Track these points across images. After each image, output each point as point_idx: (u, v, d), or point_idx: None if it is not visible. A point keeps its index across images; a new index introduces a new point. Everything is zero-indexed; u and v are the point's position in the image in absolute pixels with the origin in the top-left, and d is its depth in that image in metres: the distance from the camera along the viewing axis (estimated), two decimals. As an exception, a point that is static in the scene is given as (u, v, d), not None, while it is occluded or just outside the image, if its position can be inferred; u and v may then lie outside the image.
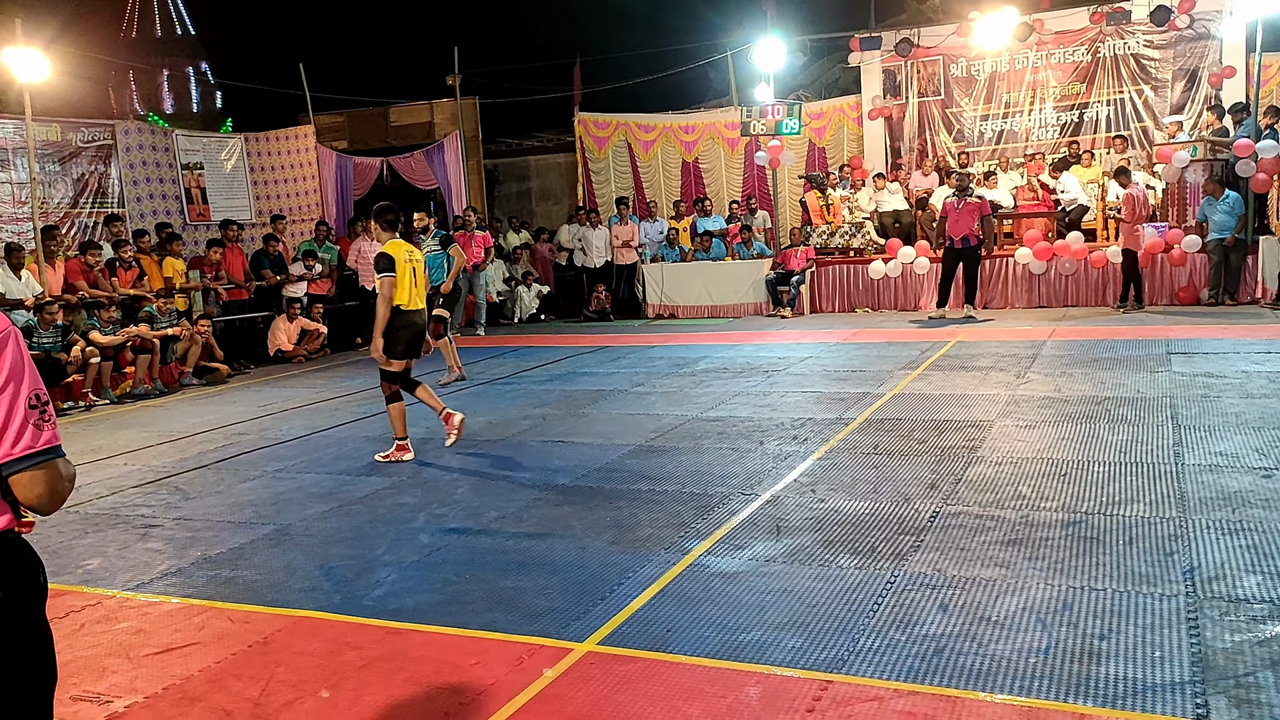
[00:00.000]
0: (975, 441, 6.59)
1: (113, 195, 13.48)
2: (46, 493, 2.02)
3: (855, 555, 4.66)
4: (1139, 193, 12.90)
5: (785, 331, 13.31)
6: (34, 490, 2.01)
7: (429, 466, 6.96)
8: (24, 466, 1.99)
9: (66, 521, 6.13)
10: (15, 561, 2.06)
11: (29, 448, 1.99)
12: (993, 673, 3.44)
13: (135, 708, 3.62)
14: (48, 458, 2.02)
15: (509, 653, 3.86)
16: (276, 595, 4.65)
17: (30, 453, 1.99)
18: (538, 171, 20.98)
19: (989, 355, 10.09)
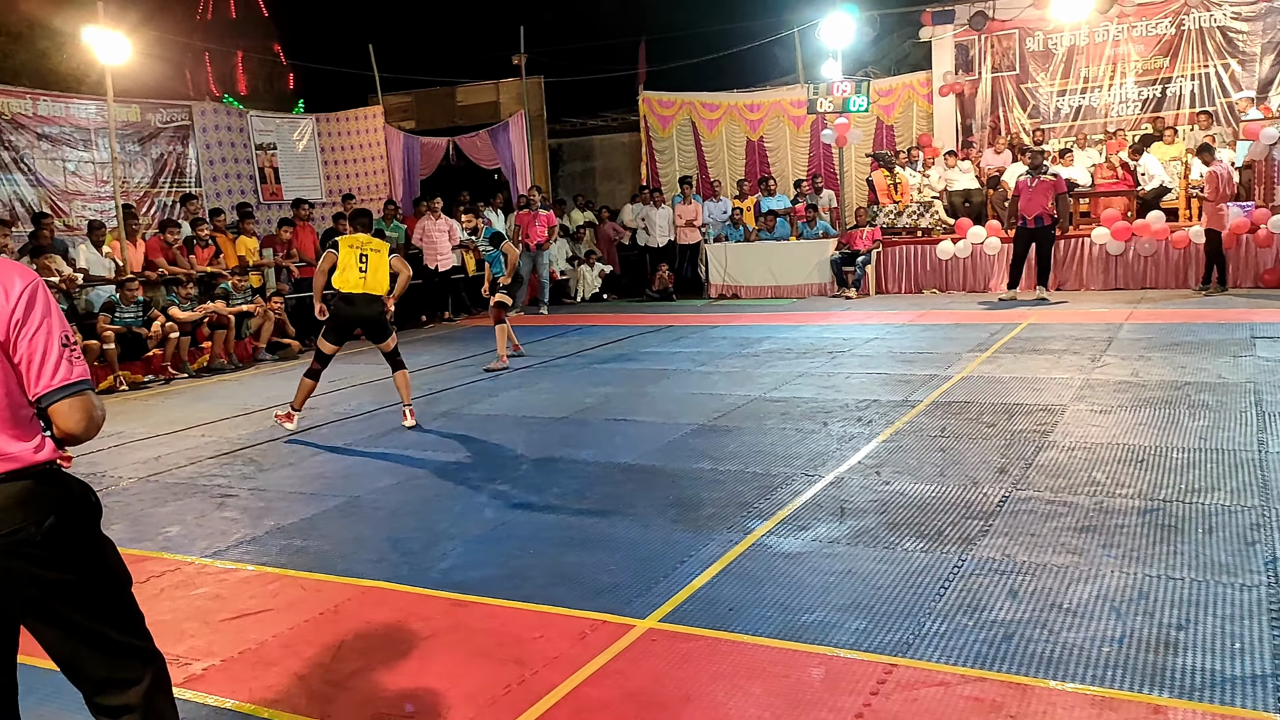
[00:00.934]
0: (1047, 426, 6.46)
1: (190, 175, 13.81)
2: (84, 418, 2.25)
3: (921, 539, 4.60)
4: (1223, 171, 12.45)
5: (850, 312, 13.15)
6: (73, 417, 2.24)
7: (493, 443, 7.03)
8: (62, 396, 2.23)
9: (148, 490, 6.33)
10: (61, 488, 2.27)
11: (65, 379, 2.23)
12: (1064, 661, 3.37)
13: (212, 670, 3.73)
14: (82, 388, 2.26)
15: (571, 627, 3.89)
16: (346, 565, 4.75)
17: (67, 383, 2.23)
18: (602, 151, 20.98)
19: (1062, 338, 9.85)
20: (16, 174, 11.73)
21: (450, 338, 13.37)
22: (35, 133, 11.95)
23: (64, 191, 12.23)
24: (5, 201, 11.57)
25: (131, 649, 2.38)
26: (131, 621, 2.40)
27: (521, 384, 9.31)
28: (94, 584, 2.30)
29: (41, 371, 2.20)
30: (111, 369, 10.40)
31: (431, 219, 14.88)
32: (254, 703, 3.44)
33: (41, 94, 12.59)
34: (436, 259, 14.92)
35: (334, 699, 3.44)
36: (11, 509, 2.17)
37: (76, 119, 12.46)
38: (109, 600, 2.34)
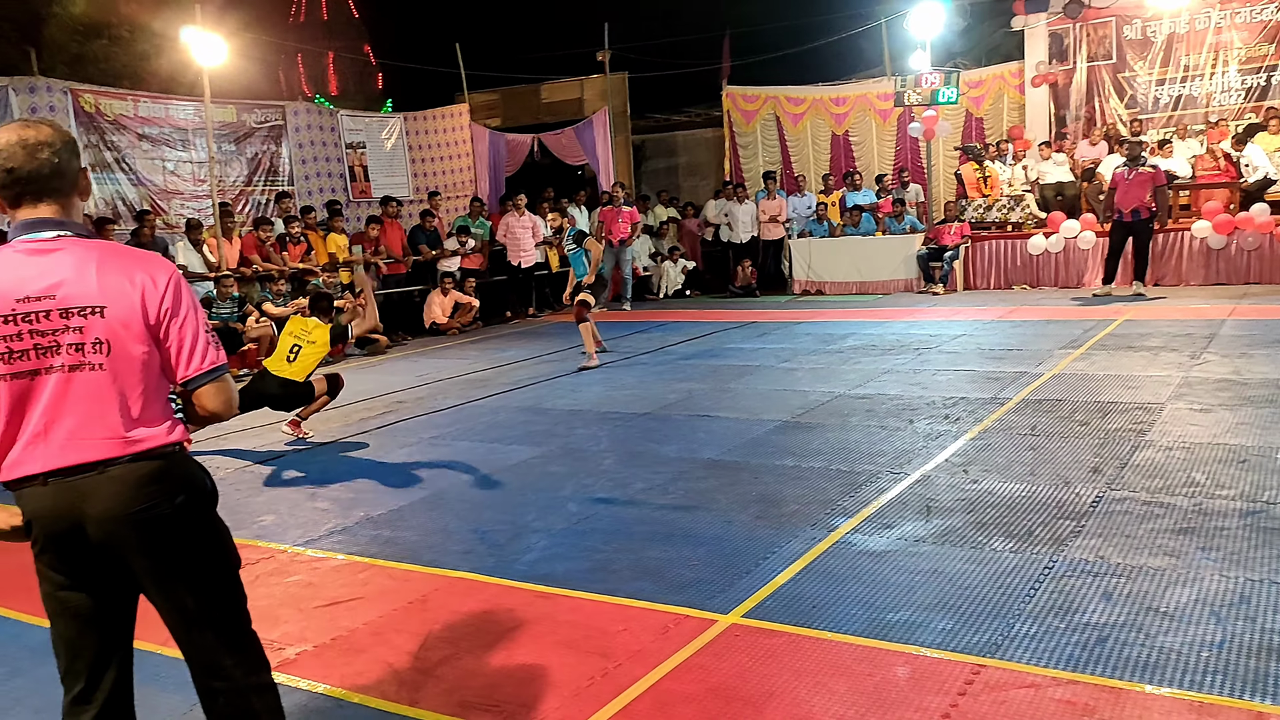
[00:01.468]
0: (1143, 425, 6.25)
1: (283, 173, 14.22)
2: (226, 399, 2.41)
3: (1010, 538, 4.50)
4: None
5: (937, 308, 12.92)
6: (218, 398, 2.40)
7: (577, 438, 7.09)
8: (208, 379, 2.38)
9: (243, 480, 6.55)
10: (189, 469, 2.40)
11: (213, 363, 2.38)
12: (1160, 665, 3.27)
13: (305, 655, 3.85)
14: (224, 372, 2.43)
15: (655, 621, 3.91)
16: (434, 556, 4.85)
17: (214, 366, 2.39)
18: (685, 146, 20.97)
19: (1160, 335, 9.53)
20: (119, 173, 12.22)
21: (535, 333, 13.52)
22: (136, 133, 12.43)
23: (163, 190, 12.71)
24: (108, 200, 12.07)
25: (241, 636, 2.49)
26: (239, 606, 2.50)
27: (605, 379, 9.37)
28: (213, 563, 2.43)
29: (191, 356, 2.34)
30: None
31: (516, 216, 15.06)
32: (345, 688, 3.54)
33: (142, 95, 13.09)
34: (520, 255, 15.10)
35: (422, 686, 3.52)
36: (147, 485, 2.30)
37: (175, 120, 12.93)
38: (223, 580, 2.46)
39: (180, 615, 2.41)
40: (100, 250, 2.33)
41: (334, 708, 3.41)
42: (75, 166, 2.37)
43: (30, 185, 2.30)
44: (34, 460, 2.26)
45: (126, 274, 2.30)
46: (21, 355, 2.24)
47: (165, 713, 3.39)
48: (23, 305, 2.24)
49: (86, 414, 2.26)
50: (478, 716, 3.27)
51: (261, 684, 2.51)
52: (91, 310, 2.25)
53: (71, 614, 2.38)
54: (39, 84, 11.61)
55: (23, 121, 2.37)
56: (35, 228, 2.30)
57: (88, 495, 2.26)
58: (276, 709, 2.54)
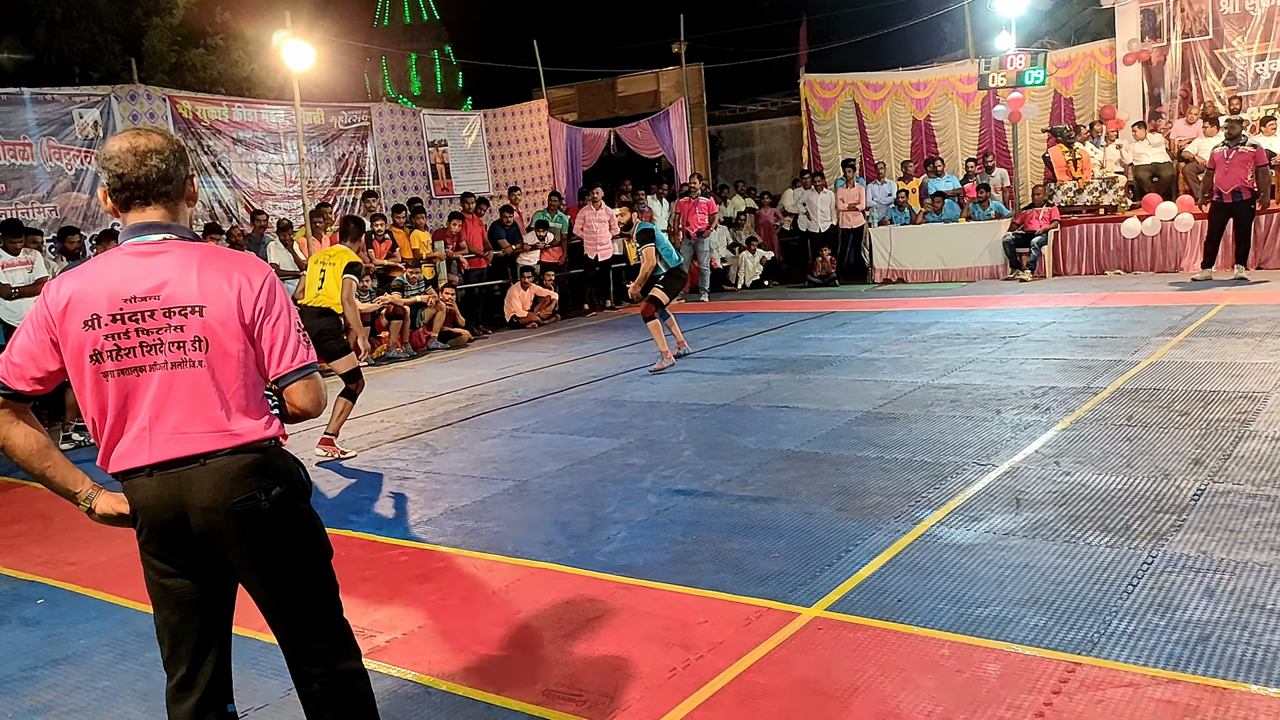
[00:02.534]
0: (1248, 414, 5.99)
1: (369, 173, 14.52)
2: (316, 397, 2.47)
3: (1106, 533, 4.35)
4: None
5: (1025, 296, 12.57)
6: (309, 395, 2.46)
7: (656, 430, 7.09)
8: (299, 377, 2.45)
9: (332, 473, 6.70)
10: (285, 463, 2.47)
11: (304, 361, 2.45)
12: (1268, 664, 3.12)
13: (395, 643, 3.91)
14: (314, 370, 2.48)
15: (736, 613, 3.88)
16: (517, 547, 4.89)
17: (305, 365, 2.45)
18: (761, 136, 20.79)
19: (1265, 320, 9.11)
20: (215, 177, 12.64)
21: (612, 325, 13.56)
22: (231, 138, 12.84)
23: (257, 192, 13.10)
24: (205, 202, 12.48)
25: (333, 623, 2.56)
26: (332, 594, 2.57)
27: (683, 371, 9.34)
28: (308, 553, 2.50)
29: (284, 354, 2.41)
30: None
31: (593, 209, 15.11)
32: (433, 675, 3.59)
33: (236, 101, 13.52)
34: (597, 248, 15.15)
35: (508, 674, 3.55)
36: (246, 478, 2.37)
37: (267, 124, 13.30)
38: (317, 569, 2.53)
39: (277, 602, 2.48)
40: (202, 252, 2.42)
41: (423, 694, 3.47)
42: (183, 173, 2.46)
43: (139, 190, 2.40)
44: (140, 453, 2.35)
45: (225, 275, 2.38)
46: (129, 352, 2.33)
47: (264, 697, 3.49)
48: (130, 305, 2.33)
49: (189, 409, 2.35)
50: (561, 706, 3.28)
51: (353, 670, 2.57)
52: (192, 309, 2.34)
53: (174, 602, 2.46)
54: (139, 92, 12.06)
55: (134, 129, 2.48)
56: (143, 231, 2.41)
57: (190, 486, 2.35)
58: (367, 694, 2.60)
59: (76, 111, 11.45)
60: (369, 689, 2.61)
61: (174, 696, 2.50)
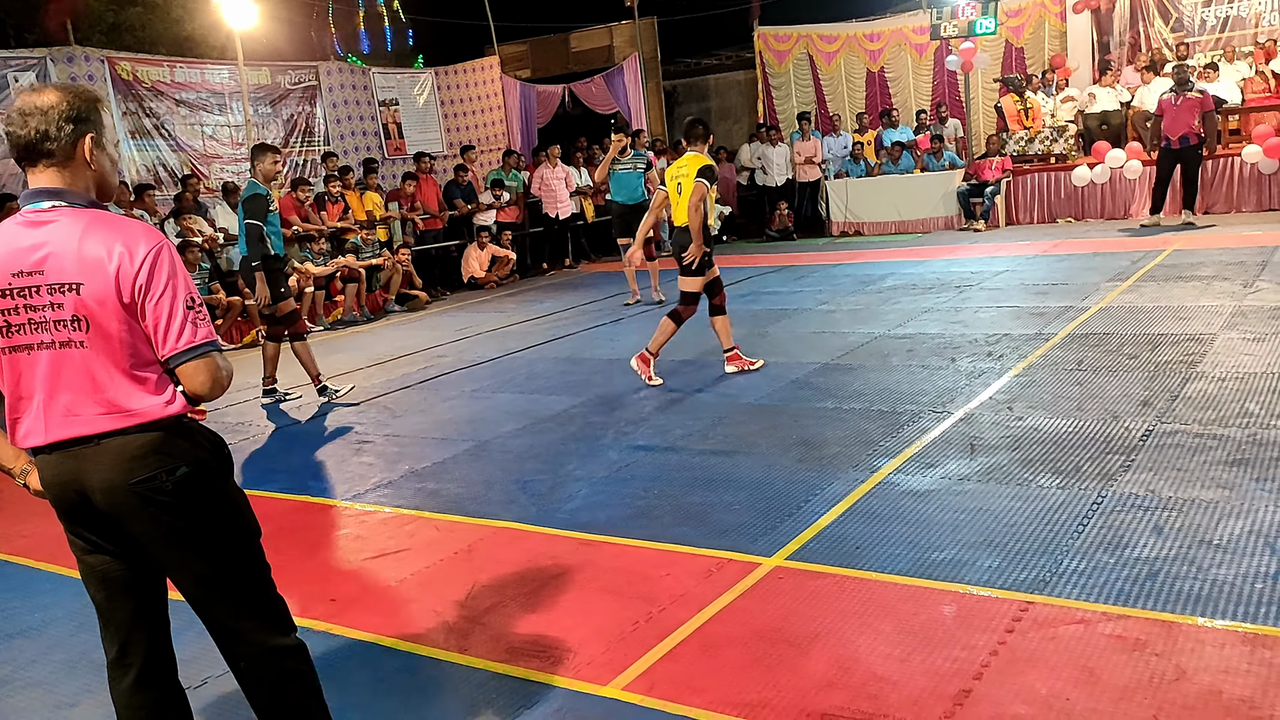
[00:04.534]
0: (1195, 356, 6.11)
1: (319, 134, 14.23)
2: (208, 379, 2.31)
3: (1057, 475, 4.44)
4: None
5: (979, 245, 12.68)
6: (198, 378, 2.30)
7: (616, 387, 7.09)
8: (189, 358, 2.29)
9: (288, 438, 6.64)
10: (192, 440, 2.36)
11: (190, 342, 2.28)
12: (1213, 598, 3.22)
13: (354, 606, 3.90)
14: (206, 350, 2.31)
15: (698, 566, 3.91)
16: (478, 507, 4.89)
17: (192, 346, 2.28)
18: (717, 90, 20.65)
19: (1211, 264, 9.28)
20: (159, 140, 12.30)
21: (572, 284, 13.50)
22: (174, 99, 12.48)
23: (203, 155, 12.78)
24: (149, 166, 12.17)
25: (256, 602, 2.48)
26: (255, 573, 2.48)
27: (641, 327, 9.33)
28: (223, 533, 2.40)
29: (168, 334, 2.26)
30: (252, 323, 10.89)
31: (549, 167, 14.97)
32: (395, 636, 3.60)
33: (178, 61, 13.12)
34: (556, 207, 15.03)
35: (470, 634, 3.56)
36: (144, 457, 2.27)
37: (211, 84, 12.95)
38: (236, 552, 2.43)
39: (192, 583, 2.41)
40: (88, 221, 2.25)
41: (382, 656, 3.47)
42: (69, 132, 2.27)
43: (24, 153, 2.28)
44: (38, 432, 2.28)
45: (106, 247, 2.22)
46: (19, 329, 2.24)
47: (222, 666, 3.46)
48: (18, 280, 2.22)
49: (78, 389, 2.25)
50: (524, 662, 3.30)
51: (282, 647, 2.50)
52: (69, 287, 2.21)
53: (99, 579, 2.41)
54: (76, 54, 11.66)
55: (34, 88, 2.33)
56: (36, 197, 2.27)
57: (87, 467, 2.27)
58: (299, 671, 2.53)
59: (12, 75, 11.07)
60: (302, 665, 2.54)
61: (112, 674, 2.46)
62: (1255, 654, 2.88)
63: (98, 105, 2.36)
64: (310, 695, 2.56)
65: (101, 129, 2.35)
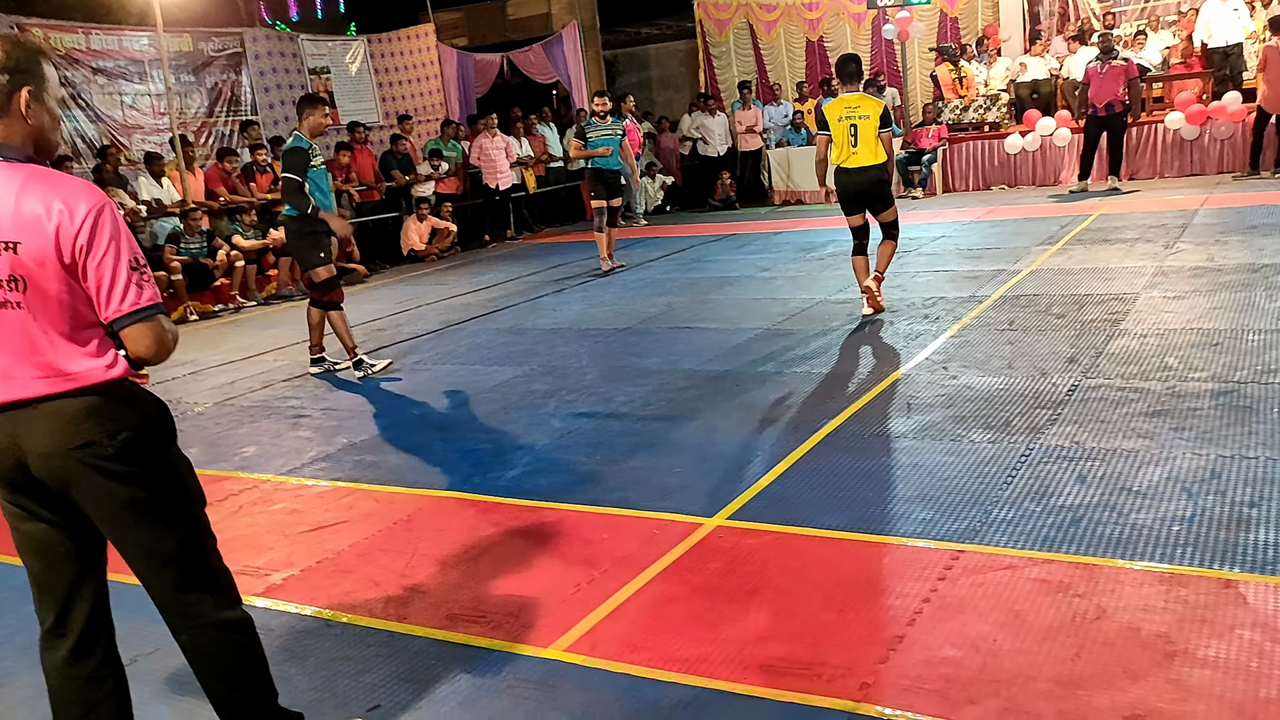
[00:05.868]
0: (1118, 315, 6.29)
1: (246, 103, 13.87)
2: (154, 343, 2.26)
3: (988, 430, 4.55)
4: None
5: (916, 212, 12.83)
6: (143, 341, 2.25)
7: (558, 356, 7.09)
8: (132, 321, 2.22)
9: (223, 414, 6.53)
10: (134, 404, 2.31)
11: (135, 304, 2.22)
12: (1133, 541, 3.34)
13: (291, 580, 3.88)
14: (150, 313, 2.25)
15: (640, 528, 3.95)
16: (417, 477, 4.87)
17: (136, 309, 2.22)
18: (657, 60, 20.55)
19: (1135, 227, 9.52)
20: (75, 110, 11.82)
21: (514, 256, 13.42)
22: (90, 67, 12.02)
23: (123, 125, 12.37)
24: (67, 138, 11.75)
25: (201, 573, 2.43)
26: (199, 543, 2.43)
27: (584, 297, 9.34)
28: (166, 500, 2.35)
29: (110, 296, 2.20)
30: (180, 299, 10.66)
31: (489, 137, 14.80)
32: (333, 608, 3.58)
33: (94, 27, 12.60)
34: (496, 177, 14.88)
35: (410, 602, 3.56)
36: (84, 421, 2.22)
37: (130, 51, 12.51)
38: (178, 519, 2.38)
39: (135, 552, 2.36)
40: (25, 177, 2.18)
41: (322, 628, 3.45)
42: (4, 83, 2.20)
43: None
44: None
45: (45, 204, 2.15)
46: None
47: (154, 641, 3.40)
48: None
49: (15, 351, 2.19)
50: (466, 628, 3.32)
51: (227, 620, 2.46)
52: (5, 246, 2.14)
53: (35, 548, 2.35)
54: (-15, 19, 11.22)
55: None
56: None
57: (24, 431, 2.21)
58: (244, 644, 2.50)
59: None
60: (247, 639, 2.50)
61: (46, 644, 2.40)
62: (1171, 592, 3.00)
63: (39, 57, 2.29)
64: (256, 669, 2.54)
65: (42, 82, 2.28)
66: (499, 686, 2.95)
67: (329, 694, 3.01)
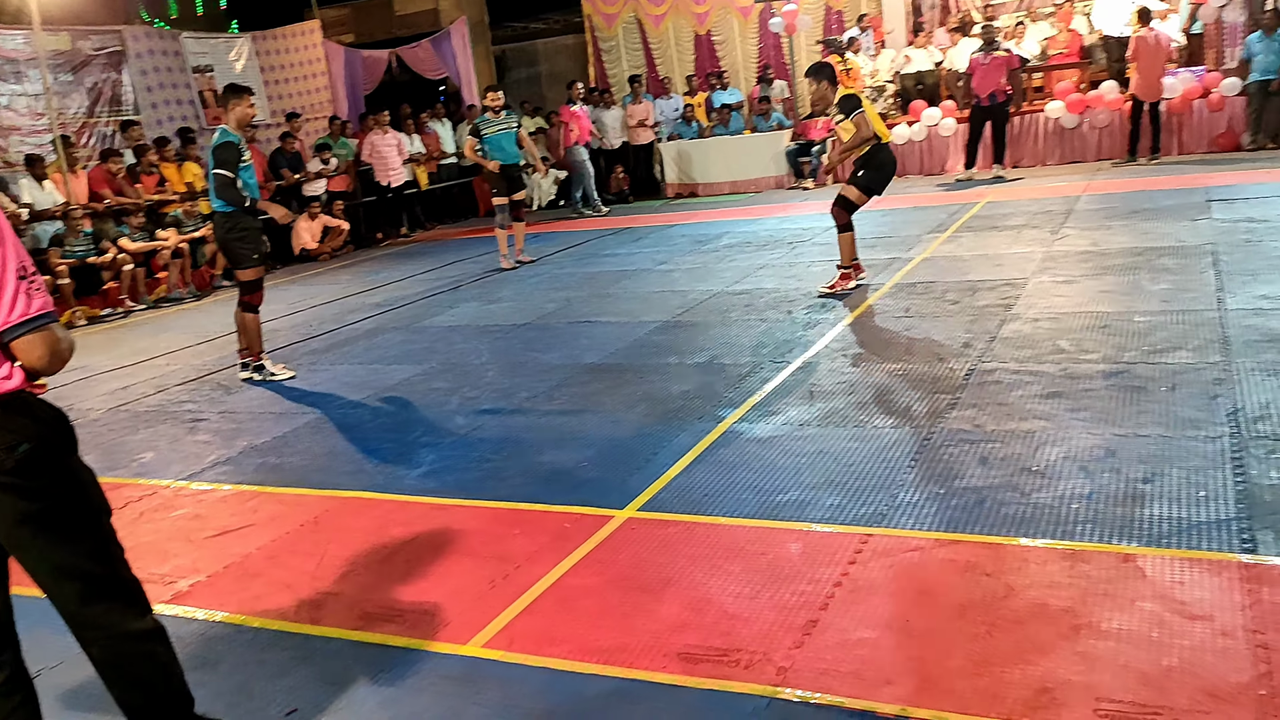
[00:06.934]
0: (1010, 300, 6.51)
1: (128, 102, 13.28)
2: (46, 353, 2.18)
3: (891, 415, 4.66)
4: (1153, 37, 12.32)
5: (808, 203, 13.06)
6: (34, 352, 2.17)
7: (459, 353, 6.99)
8: (23, 331, 2.15)
9: (117, 420, 6.26)
10: (33, 416, 2.23)
11: (24, 314, 2.14)
12: (1035, 520, 3.46)
13: (199, 586, 3.74)
14: (43, 322, 2.17)
15: (551, 522, 3.93)
16: (323, 478, 4.75)
17: (26, 319, 2.14)
18: (546, 55, 20.43)
19: (1021, 214, 9.88)
20: (-54, 111, 11.21)
21: (408, 254, 13.18)
22: (-39, 67, 11.40)
23: (0, 127, 11.74)
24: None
25: (109, 584, 2.36)
26: (106, 553, 2.36)
27: (481, 294, 9.23)
28: (68, 514, 2.27)
29: None
30: (67, 304, 10.18)
31: (380, 134, 14.50)
32: (244, 613, 3.47)
33: (-38, 26, 11.97)
34: (388, 175, 14.60)
35: (322, 604, 3.47)
36: None
37: (4, 50, 11.85)
38: (83, 530, 2.31)
39: (40, 566, 2.28)
40: None
41: (233, 634, 3.34)
42: None
43: None
44: None
45: None
46: None
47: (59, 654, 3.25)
48: None
49: None
50: (381, 627, 3.25)
51: (139, 631, 2.40)
52: None
53: None
54: None
55: None
56: None
57: None
58: (157, 654, 2.44)
59: None
60: (160, 648, 2.45)
61: None
62: (1074, 568, 3.12)
63: None
64: (169, 678, 2.48)
65: None
66: (418, 685, 2.91)
67: (245, 699, 2.93)
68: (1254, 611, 2.78)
